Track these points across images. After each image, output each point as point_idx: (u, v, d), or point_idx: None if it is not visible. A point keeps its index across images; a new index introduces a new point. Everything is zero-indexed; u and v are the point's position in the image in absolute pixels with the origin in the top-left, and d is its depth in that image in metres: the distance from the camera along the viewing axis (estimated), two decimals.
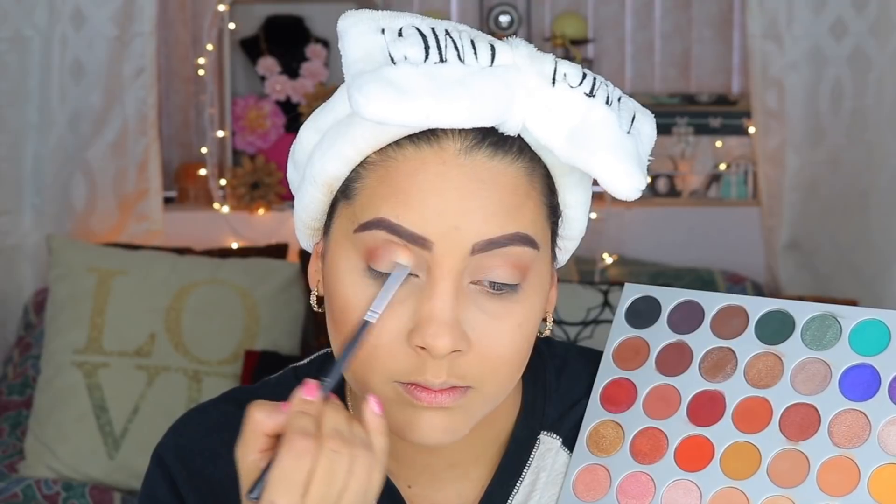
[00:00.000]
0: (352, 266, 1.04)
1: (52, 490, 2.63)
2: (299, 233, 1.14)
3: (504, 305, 1.04)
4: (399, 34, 1.01)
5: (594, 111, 1.03)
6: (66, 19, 3.02)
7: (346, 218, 1.06)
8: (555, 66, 1.04)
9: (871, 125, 3.10)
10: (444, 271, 1.02)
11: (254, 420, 0.99)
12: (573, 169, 1.08)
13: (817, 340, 1.15)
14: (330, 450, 0.96)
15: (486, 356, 1.04)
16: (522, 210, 1.04)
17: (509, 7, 3.33)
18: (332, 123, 1.07)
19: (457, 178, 1.02)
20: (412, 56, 1.00)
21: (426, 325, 1.01)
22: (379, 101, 0.97)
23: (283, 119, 3.34)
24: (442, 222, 1.01)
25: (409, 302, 1.03)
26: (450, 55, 1.01)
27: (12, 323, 3.10)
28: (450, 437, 1.06)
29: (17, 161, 3.06)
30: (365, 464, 0.97)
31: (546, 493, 1.18)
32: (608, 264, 3.24)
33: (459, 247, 1.01)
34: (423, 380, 1.03)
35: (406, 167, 1.03)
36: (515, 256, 1.03)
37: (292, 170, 1.13)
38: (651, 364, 1.20)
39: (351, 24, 1.02)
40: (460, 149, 1.03)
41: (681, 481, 1.13)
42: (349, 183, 1.06)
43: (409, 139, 1.03)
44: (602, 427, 1.19)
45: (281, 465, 0.95)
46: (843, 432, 1.10)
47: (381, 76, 0.98)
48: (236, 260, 2.90)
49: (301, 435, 0.96)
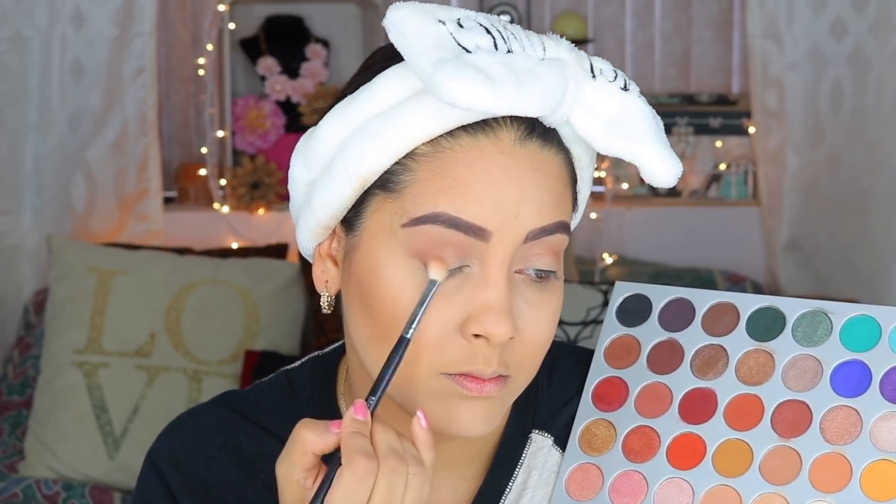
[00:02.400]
0: (399, 262, 1.04)
1: (52, 490, 2.63)
2: (308, 232, 1.11)
3: (542, 294, 1.06)
4: (459, 25, 1.01)
5: (632, 104, 1.05)
6: (66, 19, 3.02)
7: (388, 212, 1.04)
8: (590, 62, 1.06)
9: (871, 125, 3.10)
10: (498, 260, 1.02)
11: (303, 438, 0.99)
12: (591, 163, 1.10)
13: (808, 337, 1.15)
14: (389, 469, 0.97)
15: (529, 344, 1.05)
16: (564, 199, 1.06)
17: (509, 7, 3.33)
18: (368, 116, 1.05)
19: (515, 168, 1.03)
20: (483, 45, 1.00)
21: (485, 313, 1.02)
22: (472, 87, 0.97)
23: (283, 119, 3.35)
24: (502, 212, 1.02)
25: (461, 292, 1.03)
26: (514, 46, 1.02)
27: (12, 323, 3.10)
28: (489, 426, 1.07)
29: (17, 161, 3.06)
30: (419, 479, 0.98)
31: (538, 492, 1.18)
32: (608, 264, 3.24)
33: (515, 236, 1.03)
34: (476, 369, 1.03)
35: (464, 157, 1.02)
36: (556, 244, 1.05)
37: (301, 168, 1.10)
38: (642, 362, 1.20)
39: (408, 14, 1.01)
40: (515, 139, 1.03)
41: (673, 479, 1.13)
42: (391, 176, 1.04)
43: (465, 129, 1.03)
44: (594, 426, 1.18)
45: (344, 486, 0.96)
46: (835, 429, 1.10)
47: (468, 63, 0.98)
48: (236, 260, 2.90)
49: (363, 455, 0.96)
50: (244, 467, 1.16)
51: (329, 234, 1.11)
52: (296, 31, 3.38)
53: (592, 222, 3.25)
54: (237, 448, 1.17)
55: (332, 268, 1.11)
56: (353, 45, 3.41)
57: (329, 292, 1.12)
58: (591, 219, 3.24)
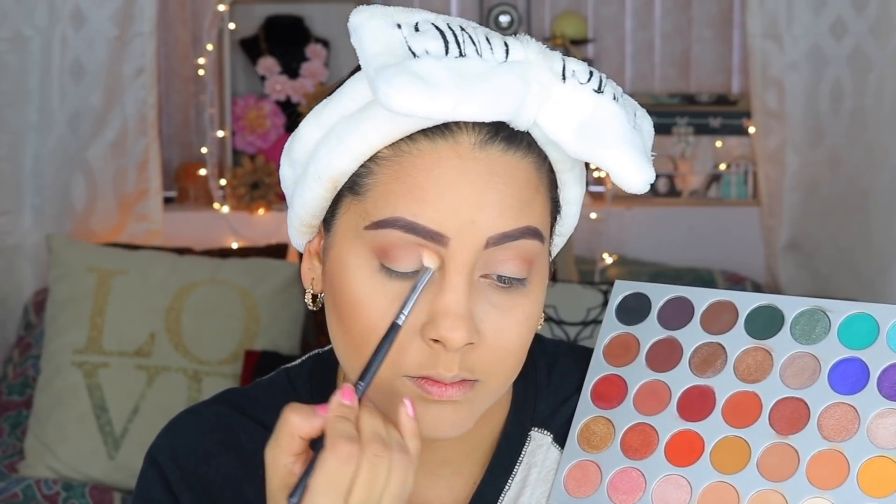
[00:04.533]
0: (362, 263, 1.04)
1: (52, 490, 2.63)
2: (294, 230, 1.13)
3: (512, 299, 1.05)
4: (416, 29, 1.01)
5: (603, 107, 1.04)
6: (66, 19, 3.03)
7: (354, 214, 1.05)
8: (563, 63, 1.05)
9: (871, 125, 3.10)
10: (458, 265, 1.02)
11: (290, 423, 0.99)
12: (574, 165, 1.09)
13: (806, 335, 1.15)
14: (372, 454, 0.97)
15: (495, 349, 1.05)
16: (533, 204, 1.05)
17: (509, 7, 3.33)
18: (338, 118, 1.06)
19: (473, 172, 1.02)
20: (433, 50, 1.00)
21: (442, 318, 1.02)
22: (407, 93, 0.97)
23: (283, 119, 3.35)
24: (458, 217, 1.01)
25: (421, 296, 1.03)
26: (468, 50, 1.01)
27: (12, 323, 3.10)
28: (456, 430, 1.06)
29: (17, 161, 3.06)
30: (402, 466, 0.98)
31: (537, 489, 1.18)
32: (608, 264, 3.24)
33: (474, 241, 1.02)
34: (436, 373, 1.03)
35: (422, 162, 1.02)
36: (525, 250, 1.04)
37: (287, 167, 1.11)
38: (641, 360, 1.20)
39: (366, 18, 1.02)
40: (475, 143, 1.03)
41: (671, 476, 1.14)
42: (357, 178, 1.05)
43: (423, 133, 1.03)
44: (593, 423, 1.19)
45: (326, 469, 0.96)
46: (833, 426, 1.10)
47: (408, 69, 0.98)
48: (236, 260, 2.90)
49: (346, 440, 0.96)
50: (244, 464, 1.17)
51: (315, 232, 1.12)
52: (296, 31, 3.38)
53: (592, 222, 3.25)
54: (237, 445, 1.18)
55: (318, 265, 1.13)
56: (352, 46, 3.41)
57: (314, 289, 1.13)
58: (591, 219, 3.24)
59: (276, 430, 1.00)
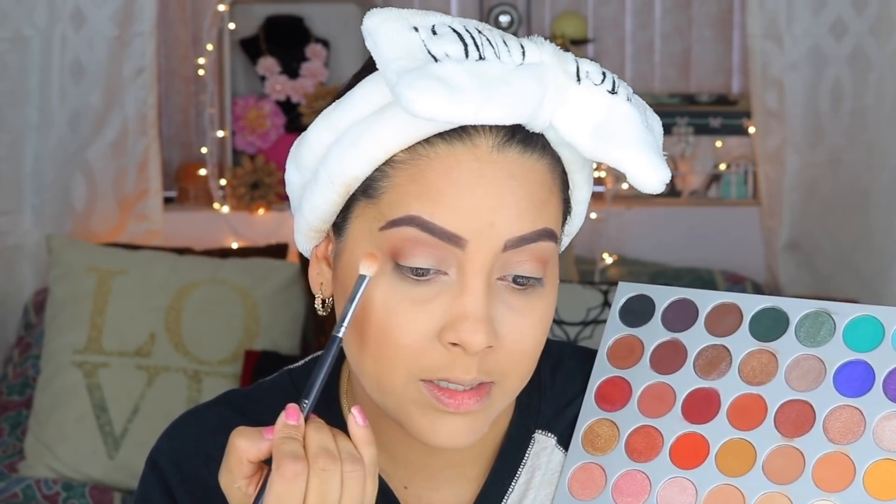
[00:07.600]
0: None
1: (52, 490, 2.63)
2: (302, 235, 1.12)
3: (528, 300, 1.05)
4: (433, 32, 1.01)
5: (618, 108, 1.04)
6: (66, 19, 3.02)
7: (368, 217, 1.05)
8: (577, 65, 1.05)
9: (871, 125, 3.10)
10: (476, 268, 1.02)
11: (237, 448, 1.00)
12: (585, 166, 1.09)
13: (811, 337, 1.15)
14: (319, 469, 0.97)
15: (512, 352, 1.05)
16: (548, 206, 1.05)
17: (509, 7, 3.33)
18: (350, 122, 1.05)
19: (491, 175, 1.02)
20: (453, 53, 1.00)
21: (461, 322, 1.01)
22: (431, 97, 0.96)
23: (283, 119, 3.34)
24: (477, 220, 1.01)
25: (438, 300, 1.03)
26: (487, 52, 1.01)
27: (12, 323, 3.10)
28: (473, 439, 1.06)
29: (17, 161, 3.06)
30: (355, 476, 0.99)
31: (541, 491, 1.18)
32: (608, 264, 3.23)
33: (493, 244, 1.02)
34: (454, 376, 1.03)
35: (439, 164, 1.02)
36: (540, 251, 1.04)
37: (294, 171, 1.10)
38: (645, 362, 1.20)
39: (381, 21, 1.01)
40: (493, 146, 1.03)
41: (676, 479, 1.13)
42: (372, 182, 1.05)
43: (441, 137, 1.03)
44: (597, 426, 1.19)
45: (275, 490, 0.96)
46: (838, 428, 1.10)
47: (430, 73, 0.97)
48: (236, 260, 2.90)
49: (291, 459, 0.97)
50: None
51: (323, 236, 1.12)
52: (296, 31, 3.38)
53: (592, 222, 3.24)
54: None
55: (326, 270, 1.12)
56: (353, 45, 3.41)
57: (323, 294, 1.12)
58: (591, 219, 3.24)
59: (225, 455, 1.01)
